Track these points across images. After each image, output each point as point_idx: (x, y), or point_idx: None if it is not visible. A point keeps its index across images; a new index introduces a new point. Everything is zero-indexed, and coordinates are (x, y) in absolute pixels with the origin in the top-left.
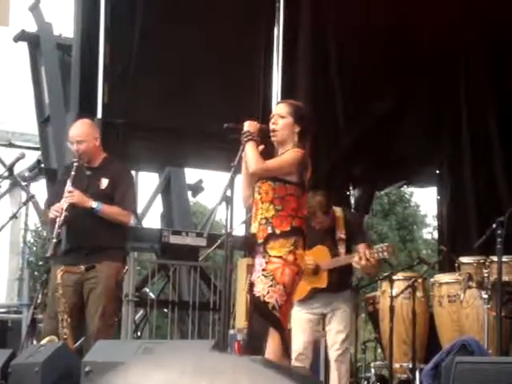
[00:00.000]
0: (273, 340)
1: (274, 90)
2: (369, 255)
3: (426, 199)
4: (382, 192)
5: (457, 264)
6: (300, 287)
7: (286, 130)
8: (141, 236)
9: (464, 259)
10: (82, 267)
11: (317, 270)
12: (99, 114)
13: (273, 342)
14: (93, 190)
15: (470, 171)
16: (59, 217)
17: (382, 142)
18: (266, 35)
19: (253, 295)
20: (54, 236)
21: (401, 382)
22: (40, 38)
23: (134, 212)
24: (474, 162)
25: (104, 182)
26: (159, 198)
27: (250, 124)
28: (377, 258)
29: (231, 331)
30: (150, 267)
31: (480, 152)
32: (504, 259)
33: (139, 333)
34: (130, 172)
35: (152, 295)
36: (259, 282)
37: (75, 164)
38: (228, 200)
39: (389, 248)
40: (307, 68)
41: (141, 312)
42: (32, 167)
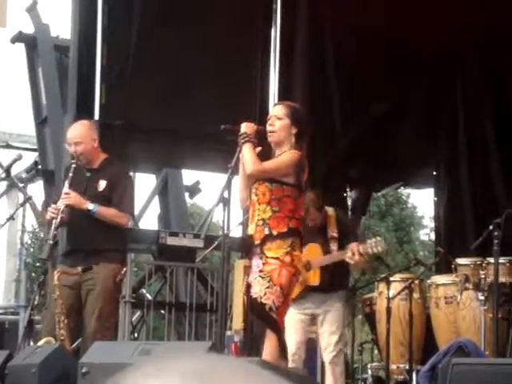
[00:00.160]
0: (270, 341)
1: (271, 91)
2: (362, 250)
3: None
4: (379, 193)
5: (453, 265)
6: None
7: (283, 131)
8: (138, 237)
9: (461, 261)
10: (79, 268)
11: (308, 267)
12: (96, 116)
13: (270, 344)
14: (91, 192)
15: (466, 173)
16: (55, 218)
17: (378, 144)
18: (262, 36)
19: (249, 296)
20: (50, 237)
21: (397, 383)
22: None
23: (132, 214)
24: (471, 163)
25: (102, 184)
26: (156, 199)
27: (246, 125)
28: (370, 253)
29: (228, 332)
30: (147, 268)
31: (477, 154)
32: (500, 261)
33: (136, 334)
34: (128, 173)
35: (149, 296)
36: (256, 283)
37: (73, 165)
38: (225, 201)
39: (380, 242)
40: (304, 69)
41: (138, 313)
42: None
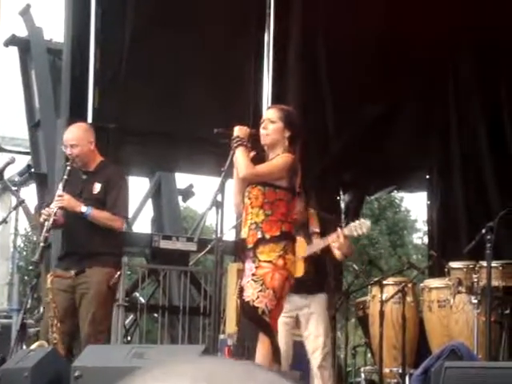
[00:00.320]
0: (263, 345)
1: (264, 94)
2: (346, 232)
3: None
4: (372, 197)
5: (446, 269)
6: None
7: (276, 134)
8: (131, 241)
9: (454, 264)
10: (72, 272)
11: None
12: (90, 119)
13: (263, 347)
14: (86, 195)
15: (459, 176)
16: (48, 221)
17: (371, 147)
18: (256, 40)
19: (242, 300)
20: (42, 240)
21: None
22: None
23: (126, 217)
24: (464, 167)
25: (97, 187)
26: (149, 202)
27: (239, 129)
28: (355, 234)
29: (221, 336)
30: (141, 272)
31: (469, 157)
32: (493, 264)
33: (129, 337)
34: (124, 176)
35: (142, 300)
36: (249, 286)
37: (68, 168)
38: (218, 205)
39: (364, 223)
40: (297, 73)
41: (131, 317)
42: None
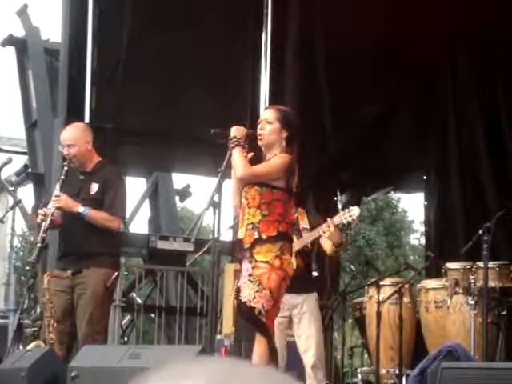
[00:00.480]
0: (259, 345)
1: (261, 95)
2: (336, 221)
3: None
4: (370, 198)
5: (443, 270)
6: None
7: (273, 135)
8: (128, 241)
9: (451, 265)
10: (69, 272)
11: None
12: (87, 119)
13: (259, 347)
14: (84, 195)
15: (456, 177)
16: (45, 221)
17: (369, 148)
18: (253, 40)
19: (239, 300)
20: (39, 240)
21: None
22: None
23: (123, 217)
24: (461, 168)
25: (94, 187)
26: (147, 202)
27: (236, 129)
28: (344, 222)
29: (218, 336)
30: (137, 272)
31: (467, 158)
32: (490, 265)
33: (126, 338)
34: (121, 177)
35: (139, 300)
36: (245, 287)
37: (65, 168)
38: (215, 205)
39: (353, 210)
40: (295, 73)
41: (128, 317)
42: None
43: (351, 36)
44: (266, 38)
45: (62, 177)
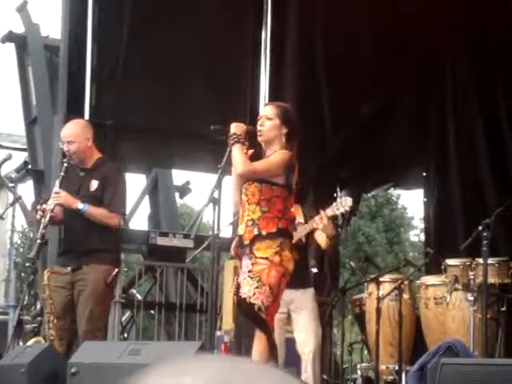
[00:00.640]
0: (259, 341)
1: (261, 92)
2: (329, 212)
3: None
4: (369, 194)
5: (443, 266)
6: None
7: (273, 131)
8: (128, 237)
9: (450, 261)
10: (69, 268)
11: None
12: (87, 115)
13: (259, 344)
14: (84, 192)
15: (456, 174)
16: (44, 217)
17: (369, 144)
18: (253, 37)
19: (239, 297)
20: (39, 237)
21: (387, 383)
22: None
23: (123, 214)
24: (461, 164)
25: (94, 184)
26: (146, 199)
27: (236, 126)
28: (337, 213)
29: (218, 333)
30: (137, 269)
31: (466, 155)
32: (490, 261)
33: (126, 334)
34: (121, 173)
35: (139, 297)
36: (245, 283)
37: (65, 165)
38: (215, 201)
39: (346, 200)
40: (294, 70)
41: (127, 313)
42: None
43: (351, 33)
44: (266, 34)
45: (62, 173)
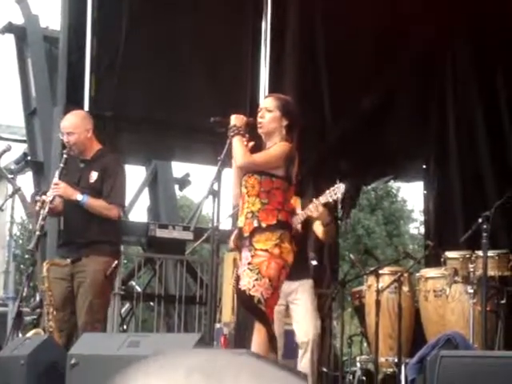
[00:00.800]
0: (259, 333)
1: (261, 83)
2: (322, 200)
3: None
4: (369, 187)
5: (443, 259)
6: None
7: (273, 123)
8: (127, 229)
9: (450, 254)
10: (68, 260)
11: None
12: (86, 107)
13: (259, 336)
14: (83, 183)
15: (456, 166)
16: (43, 209)
17: (369, 136)
18: (253, 28)
19: (238, 289)
20: (38, 228)
21: (386, 375)
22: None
23: (122, 206)
24: (461, 156)
25: (94, 176)
26: (146, 191)
27: (236, 118)
28: (330, 200)
29: (217, 325)
30: (137, 261)
31: (466, 146)
32: (489, 254)
33: (125, 326)
34: (121, 165)
35: (138, 289)
36: (245, 275)
37: (64, 156)
38: (215, 194)
39: (338, 188)
40: (295, 61)
41: (127, 305)
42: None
43: (351, 24)
44: (266, 25)
45: (61, 165)
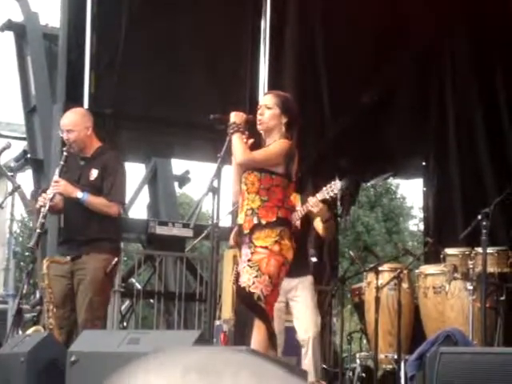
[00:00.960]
0: (258, 330)
1: (260, 80)
2: (320, 197)
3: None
4: (369, 183)
5: (442, 255)
6: None
7: (273, 120)
8: (127, 226)
9: (449, 251)
10: (68, 258)
11: None
12: (86, 104)
13: (259, 333)
14: (84, 181)
15: (455, 163)
16: (44, 207)
17: (368, 133)
18: (253, 26)
19: (238, 286)
20: (38, 226)
21: (386, 372)
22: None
23: (122, 203)
24: (460, 153)
25: (94, 173)
26: (146, 188)
27: (235, 115)
28: (327, 197)
29: (217, 322)
30: (137, 258)
31: (466, 144)
32: (489, 251)
33: (125, 323)
34: (121, 162)
35: (138, 286)
36: (244, 272)
37: (64, 153)
38: (214, 191)
39: (335, 184)
40: (294, 58)
41: (127, 302)
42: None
43: (350, 22)
44: (265, 23)
45: (62, 162)
